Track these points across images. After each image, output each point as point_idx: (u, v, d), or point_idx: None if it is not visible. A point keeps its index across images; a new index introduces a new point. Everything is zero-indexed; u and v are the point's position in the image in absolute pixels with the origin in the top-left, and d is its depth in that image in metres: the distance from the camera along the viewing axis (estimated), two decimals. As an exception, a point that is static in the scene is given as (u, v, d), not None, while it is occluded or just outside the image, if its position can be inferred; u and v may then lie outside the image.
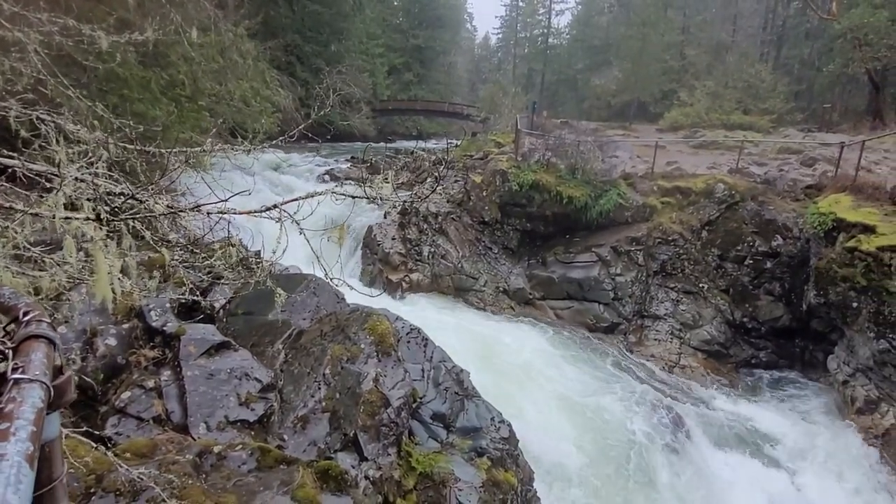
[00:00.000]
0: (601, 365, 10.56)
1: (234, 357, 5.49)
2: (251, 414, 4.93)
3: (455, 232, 14.68)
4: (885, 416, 9.16)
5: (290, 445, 4.70)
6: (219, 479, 3.65)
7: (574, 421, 8.23)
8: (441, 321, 11.20)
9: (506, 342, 10.69)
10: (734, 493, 7.91)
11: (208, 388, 5.02)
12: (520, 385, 8.96)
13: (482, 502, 5.32)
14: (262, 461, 3.93)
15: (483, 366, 8.90)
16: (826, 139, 18.15)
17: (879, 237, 9.67)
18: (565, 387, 9.19)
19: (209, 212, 2.38)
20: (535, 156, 14.65)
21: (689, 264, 12.70)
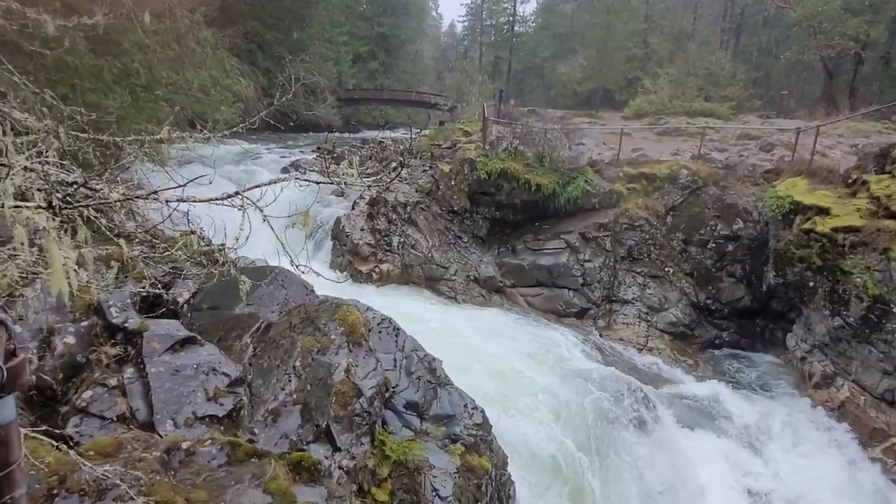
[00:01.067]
0: (572, 349, 10.70)
1: (200, 352, 5.36)
2: (220, 409, 4.83)
3: (424, 222, 14.63)
4: (840, 389, 9.56)
5: (262, 439, 4.63)
6: (188, 475, 3.57)
7: (545, 404, 8.33)
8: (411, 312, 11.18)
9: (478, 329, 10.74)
10: (700, 468, 8.17)
11: (174, 385, 4.90)
12: (492, 371, 9.02)
13: (457, 488, 5.35)
14: (233, 455, 3.86)
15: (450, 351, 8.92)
16: (783, 125, 18.70)
17: (834, 218, 10.03)
18: (536, 371, 9.28)
19: (167, 199, 2.30)
20: (503, 144, 14.67)
21: (655, 249, 12.95)
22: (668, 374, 10.62)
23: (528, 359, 9.77)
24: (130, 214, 2.85)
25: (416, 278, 13.64)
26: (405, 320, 8.06)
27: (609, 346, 11.47)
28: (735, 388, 10.34)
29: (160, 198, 2.22)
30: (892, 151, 10.50)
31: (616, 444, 7.87)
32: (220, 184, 13.15)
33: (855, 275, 9.26)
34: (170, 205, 2.29)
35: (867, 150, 11.54)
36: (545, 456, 7.35)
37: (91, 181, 2.27)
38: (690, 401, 9.64)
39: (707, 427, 9.14)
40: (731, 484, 8.16)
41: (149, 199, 2.19)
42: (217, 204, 2.58)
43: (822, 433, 9.03)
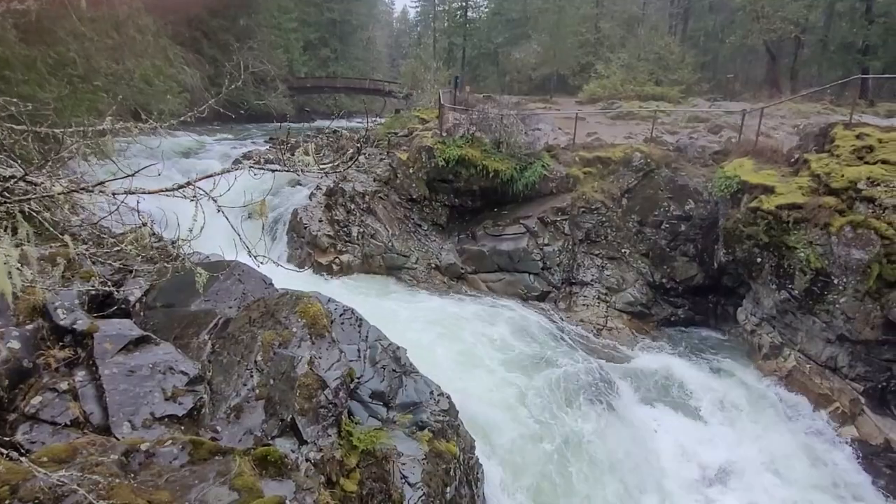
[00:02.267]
0: (534, 332, 10.86)
1: (155, 351, 5.19)
2: (179, 408, 4.70)
3: (384, 211, 14.52)
4: (787, 359, 10.04)
5: (225, 436, 4.53)
6: (149, 477, 3.46)
7: (510, 385, 8.45)
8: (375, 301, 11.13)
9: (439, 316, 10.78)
10: (659, 440, 8.49)
11: (129, 386, 4.73)
12: (456, 356, 9.08)
13: (426, 474, 5.38)
14: (196, 454, 3.76)
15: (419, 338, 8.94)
16: (730, 108, 19.32)
17: (778, 196, 10.46)
18: (501, 354, 9.40)
19: (115, 192, 2.19)
20: (460, 131, 14.65)
21: (612, 231, 13.24)
22: (627, 352, 10.93)
23: (491, 342, 9.88)
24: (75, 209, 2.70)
25: (378, 268, 13.55)
26: (368, 310, 8.01)
27: (570, 328, 11.70)
28: (690, 362, 10.73)
29: (107, 190, 2.11)
30: (831, 131, 11.00)
31: (579, 420, 8.06)
32: (170, 177, 12.67)
33: (798, 250, 9.71)
34: (117, 197, 2.19)
35: (808, 130, 12.04)
36: (512, 436, 7.47)
37: (31, 174, 2.14)
38: (649, 376, 9.95)
39: (665, 400, 9.47)
40: (687, 453, 8.51)
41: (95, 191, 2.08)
42: (168, 195, 2.48)
43: (771, 401, 9.48)
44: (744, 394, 9.63)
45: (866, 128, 10.74)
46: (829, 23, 29.89)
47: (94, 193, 2.11)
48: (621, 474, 7.62)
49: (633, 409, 9.01)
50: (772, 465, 8.48)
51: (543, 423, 7.85)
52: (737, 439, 8.85)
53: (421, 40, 59.69)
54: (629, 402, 9.09)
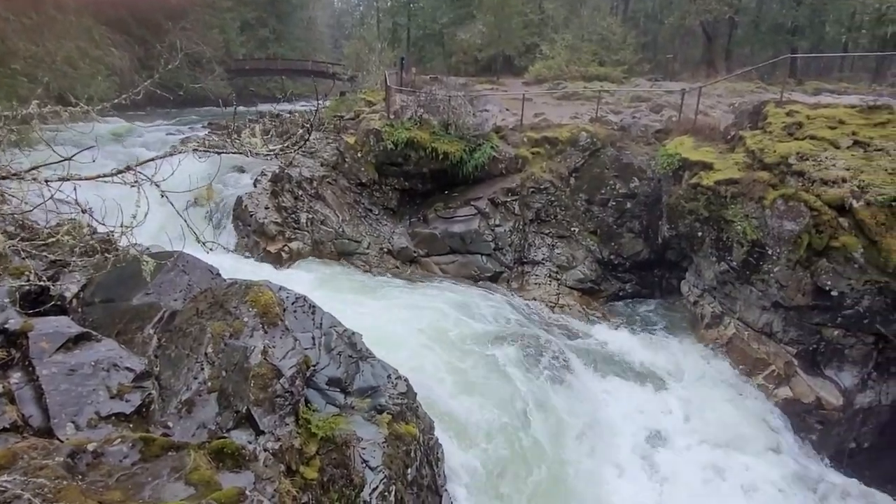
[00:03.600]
0: (488, 312, 10.99)
1: (97, 348, 4.94)
2: (127, 406, 4.51)
3: (333, 196, 14.26)
4: (727, 327, 10.58)
5: (177, 431, 4.38)
6: (99, 477, 3.31)
7: (467, 366, 8.54)
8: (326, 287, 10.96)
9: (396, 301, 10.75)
10: (612, 411, 8.81)
11: (71, 385, 4.49)
12: (411, 338, 9.09)
13: (386, 456, 5.39)
14: (147, 451, 3.62)
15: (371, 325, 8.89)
16: (670, 87, 19.92)
17: (717, 172, 10.90)
18: (454, 335, 9.46)
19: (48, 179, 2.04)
20: (408, 113, 14.50)
21: (561, 210, 13.50)
22: (580, 328, 11.23)
23: (445, 323, 9.93)
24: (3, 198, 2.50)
25: (329, 254, 13.33)
26: (322, 297, 7.90)
27: (524, 306, 11.90)
28: (638, 334, 11.17)
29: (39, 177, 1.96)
30: (764, 109, 11.52)
31: (536, 396, 8.25)
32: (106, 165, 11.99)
33: (736, 223, 10.18)
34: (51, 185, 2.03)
35: (742, 108, 12.59)
36: (470, 416, 7.57)
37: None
38: (601, 350, 10.29)
39: (616, 372, 9.82)
40: (638, 420, 8.89)
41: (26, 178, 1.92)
42: (106, 181, 2.34)
43: (713, 367, 10.00)
44: (688, 361, 10.13)
45: (795, 105, 11.32)
46: (761, 4, 31.12)
47: (25, 181, 1.95)
48: (575, 442, 7.88)
49: (586, 381, 9.30)
50: (714, 427, 8.98)
51: (499, 400, 7.99)
52: (682, 404, 9.31)
53: (364, 20, 58.38)
54: (581, 375, 9.37)
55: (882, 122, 9.95)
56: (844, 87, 19.51)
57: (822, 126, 10.32)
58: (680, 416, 9.16)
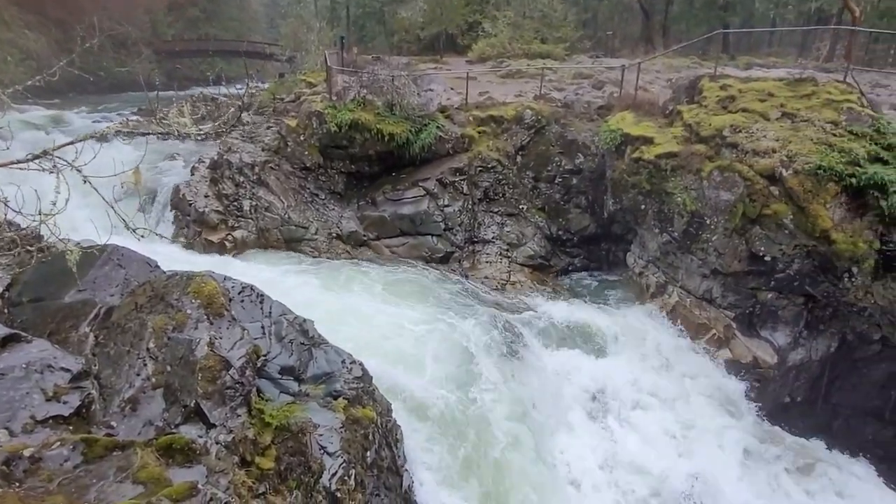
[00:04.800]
0: (440, 292, 11.01)
1: (28, 350, 4.63)
2: (65, 408, 4.26)
3: (276, 182, 13.83)
4: (671, 295, 11.00)
5: (122, 430, 4.18)
6: (39, 483, 3.12)
7: (420, 346, 8.55)
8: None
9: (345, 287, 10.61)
10: (565, 381, 9.06)
11: (2, 390, 4.20)
12: (365, 323, 9.01)
13: (344, 441, 5.34)
14: (90, 453, 3.43)
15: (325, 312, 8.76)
16: (610, 63, 20.27)
17: (657, 146, 11.22)
18: (406, 318, 9.43)
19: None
20: (351, 94, 14.17)
21: (509, 188, 13.60)
22: (531, 303, 11.41)
23: (399, 305, 9.89)
24: None
25: (275, 242, 12.98)
26: (270, 285, 7.69)
27: (476, 285, 11.98)
28: (588, 306, 11.47)
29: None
30: (699, 83, 11.90)
31: (490, 372, 8.35)
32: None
33: (676, 195, 10.53)
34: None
35: (679, 83, 12.95)
36: (426, 395, 7.59)
37: None
38: (552, 323, 10.51)
39: (568, 345, 10.08)
40: (590, 389, 9.18)
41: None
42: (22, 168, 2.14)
43: (660, 334, 10.40)
44: (636, 330, 10.50)
45: (728, 79, 11.75)
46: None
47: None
48: (530, 413, 8.05)
49: (538, 353, 9.50)
50: (665, 389, 9.42)
51: (455, 379, 8.04)
52: (633, 371, 9.68)
53: (301, -1, 56.56)
54: (534, 348, 9.55)
55: (807, 94, 10.45)
56: (773, 62, 20.39)
57: (754, 99, 10.75)
58: (629, 380, 9.53)
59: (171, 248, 12.09)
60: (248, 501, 3.81)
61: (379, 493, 5.69)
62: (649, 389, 9.44)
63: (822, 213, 9.15)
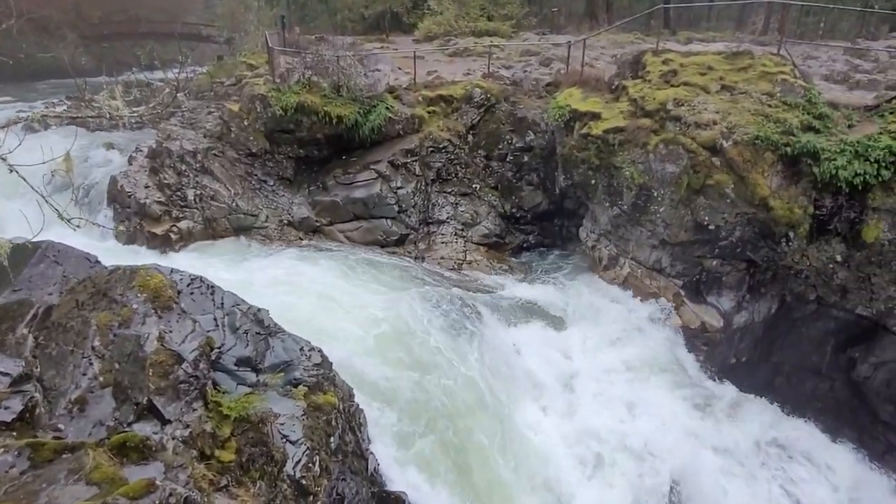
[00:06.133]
0: (397, 274, 10.97)
1: (-40, 355, 4.36)
2: (6, 413, 4.05)
3: (221, 169, 13.35)
4: (623, 267, 11.31)
5: (71, 432, 4.01)
6: (-19, 493, 2.96)
7: (380, 330, 8.51)
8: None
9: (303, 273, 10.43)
10: (525, 356, 9.23)
11: (-69, 401, 3.94)
12: (322, 309, 8.89)
13: (307, 429, 5.28)
14: (37, 457, 3.28)
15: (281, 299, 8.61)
16: (557, 40, 20.38)
17: (604, 122, 11.39)
18: (362, 301, 9.36)
19: None
20: (295, 76, 13.75)
21: (461, 168, 13.59)
22: (488, 281, 11.53)
23: (356, 289, 9.80)
24: None
25: (224, 231, 12.57)
26: (221, 276, 7.49)
27: (432, 266, 11.99)
28: (543, 282, 11.68)
29: None
30: (642, 58, 12.12)
31: (451, 352, 8.40)
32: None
33: (624, 168, 10.75)
34: None
35: (623, 58, 13.16)
36: (388, 378, 7.59)
37: None
38: (510, 300, 10.65)
39: (526, 320, 10.25)
40: (550, 360, 9.41)
41: None
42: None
43: (613, 305, 10.71)
44: (591, 302, 10.78)
45: (670, 54, 12.00)
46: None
47: None
48: (492, 389, 8.18)
49: (497, 330, 9.62)
50: (619, 356, 9.76)
51: (415, 361, 8.06)
52: (589, 341, 9.98)
53: (237, -22, 54.24)
54: (493, 326, 9.66)
55: (744, 66, 10.81)
56: (712, 36, 20.97)
57: (694, 73, 11.04)
58: (587, 350, 9.81)
59: (111, 243, 11.57)
60: (209, 495, 3.72)
61: (345, 477, 5.67)
62: (605, 359, 9.74)
63: (760, 181, 9.55)
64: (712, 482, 8.21)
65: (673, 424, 8.77)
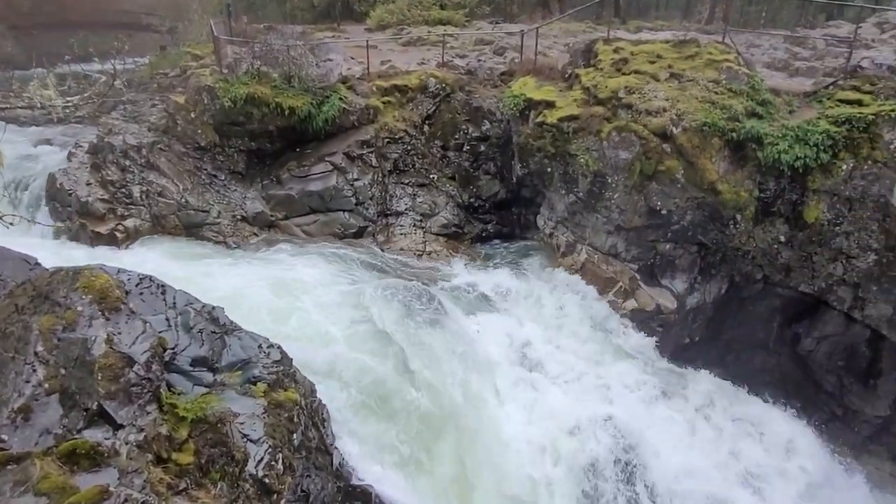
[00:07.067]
0: (356, 267, 10.86)
1: None
2: (-61, 427, 3.78)
3: (168, 164, 12.84)
4: (580, 254, 11.52)
5: (15, 443, 3.78)
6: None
7: (339, 323, 8.41)
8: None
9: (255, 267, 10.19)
10: (486, 345, 9.31)
11: None
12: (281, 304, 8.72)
13: (268, 427, 5.17)
14: (-25, 472, 3.07)
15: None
16: (510, 29, 20.44)
17: (559, 110, 11.53)
18: (321, 295, 9.22)
19: None
20: (243, 66, 13.30)
21: (418, 158, 13.51)
22: (448, 271, 11.52)
23: (314, 283, 9.65)
24: None
25: (174, 228, 12.11)
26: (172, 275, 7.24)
27: (392, 258, 11.90)
28: (502, 270, 11.73)
29: None
30: (594, 47, 12.30)
31: (412, 341, 8.38)
32: None
33: (579, 156, 10.92)
34: None
35: (576, 47, 13.32)
36: (351, 371, 7.52)
37: None
38: (470, 289, 10.70)
39: (487, 309, 10.32)
40: (509, 346, 9.52)
41: None
42: None
43: (572, 291, 10.89)
44: (550, 288, 10.95)
45: (621, 42, 12.24)
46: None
47: None
48: (454, 379, 8.22)
49: (458, 319, 9.65)
50: (577, 340, 9.96)
51: (377, 352, 8.01)
52: (548, 326, 10.15)
53: (179, -34, 52.15)
54: (454, 315, 9.68)
55: (691, 54, 11.11)
56: (661, 25, 21.48)
57: (644, 61, 11.28)
58: (546, 337, 9.96)
59: (52, 244, 11.00)
60: (167, 499, 3.60)
61: (310, 474, 5.59)
62: (565, 344, 9.92)
63: (708, 166, 9.88)
64: (668, 450, 8.53)
65: (632, 405, 9.02)
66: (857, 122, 9.19)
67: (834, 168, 9.39)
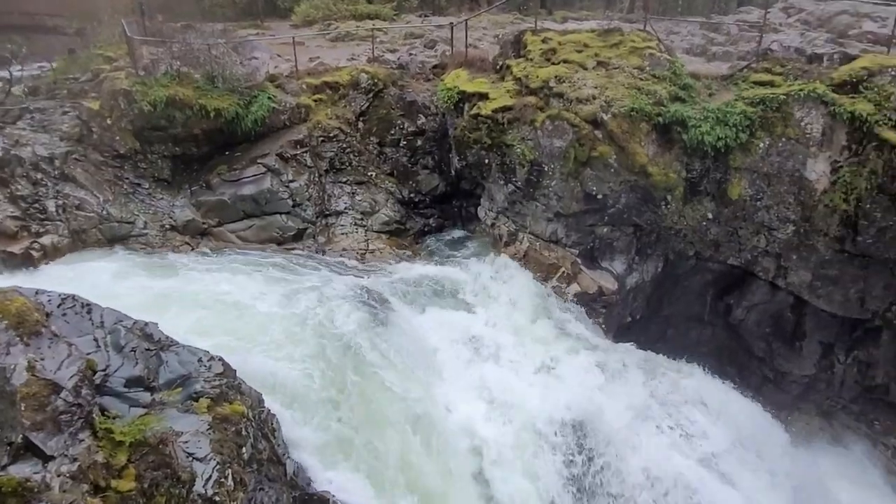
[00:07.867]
0: (297, 270, 10.56)
1: None
2: None
3: (85, 174, 12.01)
4: (522, 242, 11.68)
5: (-77, 491, 3.40)
6: None
7: (284, 330, 8.15)
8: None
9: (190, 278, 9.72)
10: (436, 338, 9.31)
11: None
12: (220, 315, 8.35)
13: (214, 443, 4.93)
14: None
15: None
16: (439, 22, 20.40)
17: (492, 101, 11.62)
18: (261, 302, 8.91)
19: None
20: (161, 67, 12.62)
21: (355, 156, 13.26)
22: (393, 269, 11.34)
23: (253, 291, 9.30)
24: None
25: (96, 243, 11.36)
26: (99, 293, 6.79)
27: (334, 259, 11.63)
28: (447, 263, 11.71)
29: None
30: (523, 38, 12.45)
31: (360, 342, 8.23)
32: None
33: (515, 146, 11.04)
34: None
35: (505, 38, 13.45)
36: (298, 378, 7.30)
37: None
38: (416, 285, 10.60)
39: (433, 303, 10.28)
40: (459, 339, 9.55)
41: None
42: None
43: (517, 280, 11.01)
44: (495, 278, 11.05)
45: (549, 33, 12.45)
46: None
47: None
48: (407, 376, 8.15)
49: (408, 317, 9.57)
50: (524, 327, 10.12)
51: (324, 357, 7.81)
52: (495, 316, 10.25)
53: (84, -36, 48.93)
54: (402, 313, 9.60)
55: (616, 43, 11.44)
56: (585, 15, 22.07)
57: (572, 50, 11.52)
58: (496, 327, 10.05)
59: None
60: (108, 532, 3.34)
61: (262, 486, 5.39)
62: (512, 329, 10.06)
63: (638, 150, 10.22)
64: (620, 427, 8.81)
65: (585, 385, 9.23)
66: (770, 103, 9.76)
67: (752, 146, 9.94)
